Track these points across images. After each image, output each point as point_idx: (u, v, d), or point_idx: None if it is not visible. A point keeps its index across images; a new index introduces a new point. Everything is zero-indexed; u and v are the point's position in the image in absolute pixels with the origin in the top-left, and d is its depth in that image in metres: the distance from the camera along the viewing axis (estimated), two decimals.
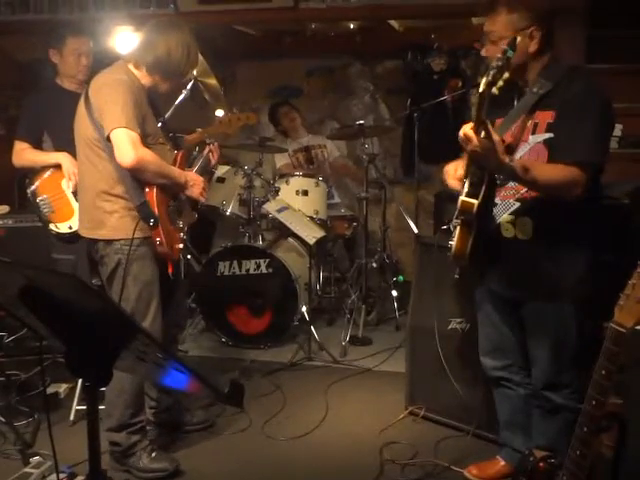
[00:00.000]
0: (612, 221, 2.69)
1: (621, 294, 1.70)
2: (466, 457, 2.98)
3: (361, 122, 4.77)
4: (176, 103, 3.54)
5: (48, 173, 3.42)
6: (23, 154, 3.49)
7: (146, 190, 2.80)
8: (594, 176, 2.31)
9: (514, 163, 2.22)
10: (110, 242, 2.81)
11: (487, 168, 2.27)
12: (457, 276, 2.74)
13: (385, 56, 6.20)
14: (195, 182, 2.98)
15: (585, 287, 2.40)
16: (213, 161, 3.35)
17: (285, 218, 4.50)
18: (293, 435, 3.29)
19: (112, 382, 1.46)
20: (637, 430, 2.02)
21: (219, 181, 4.81)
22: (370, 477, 2.90)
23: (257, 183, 4.71)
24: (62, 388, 3.63)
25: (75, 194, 3.27)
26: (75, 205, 3.28)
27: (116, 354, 1.42)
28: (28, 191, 3.44)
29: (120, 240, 2.79)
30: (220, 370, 4.03)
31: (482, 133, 2.14)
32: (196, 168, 3.16)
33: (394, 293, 4.90)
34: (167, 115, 3.40)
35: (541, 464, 1.99)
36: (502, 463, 2.84)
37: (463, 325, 3.21)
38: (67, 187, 3.36)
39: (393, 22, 5.37)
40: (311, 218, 4.71)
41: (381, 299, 5.10)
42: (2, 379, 3.58)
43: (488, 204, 2.39)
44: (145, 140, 2.75)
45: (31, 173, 3.46)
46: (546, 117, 2.32)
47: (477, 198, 2.28)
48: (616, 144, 3.94)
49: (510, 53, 2.11)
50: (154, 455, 2.93)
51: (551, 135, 2.30)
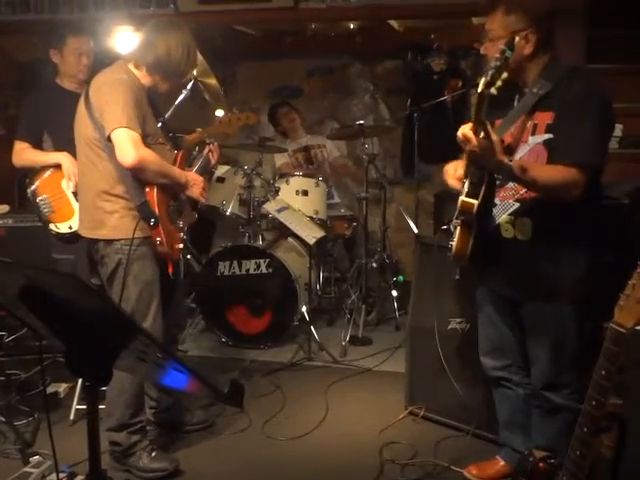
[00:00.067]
0: (612, 221, 2.68)
1: (621, 294, 1.70)
2: (466, 457, 2.98)
3: (361, 122, 4.78)
4: (176, 103, 3.54)
5: (48, 173, 3.42)
6: (23, 154, 3.49)
7: (146, 190, 2.80)
8: (594, 177, 2.31)
9: (513, 164, 2.22)
10: (110, 242, 2.81)
11: (486, 168, 2.27)
12: (457, 277, 2.75)
13: (385, 56, 6.19)
14: (195, 182, 2.98)
15: (585, 287, 2.40)
16: (213, 161, 3.35)
17: (285, 218, 4.50)
18: (293, 435, 3.29)
19: (112, 382, 1.46)
20: (637, 430, 2.01)
21: (219, 181, 4.81)
22: (370, 477, 2.90)
23: (257, 183, 4.71)
24: (62, 387, 3.63)
25: (75, 194, 3.27)
26: (75, 205, 3.29)
27: (116, 354, 1.42)
28: (28, 191, 3.44)
29: (120, 240, 2.79)
30: (220, 370, 4.03)
31: (481, 134, 2.15)
32: (196, 168, 3.16)
33: (394, 293, 4.89)
34: (167, 115, 3.40)
35: (541, 464, 1.99)
36: (502, 463, 2.84)
37: (463, 325, 3.21)
38: (67, 187, 3.36)
39: (393, 22, 5.37)
40: (311, 218, 4.71)
41: (381, 299, 5.10)
42: (2, 378, 3.58)
43: (488, 204, 2.39)
44: (145, 140, 2.75)
45: (31, 173, 3.46)
46: (546, 118, 2.32)
47: (477, 198, 2.28)
48: (616, 144, 3.93)
49: (508, 53, 2.11)
50: (154, 455, 2.93)
51: (550, 136, 2.30)
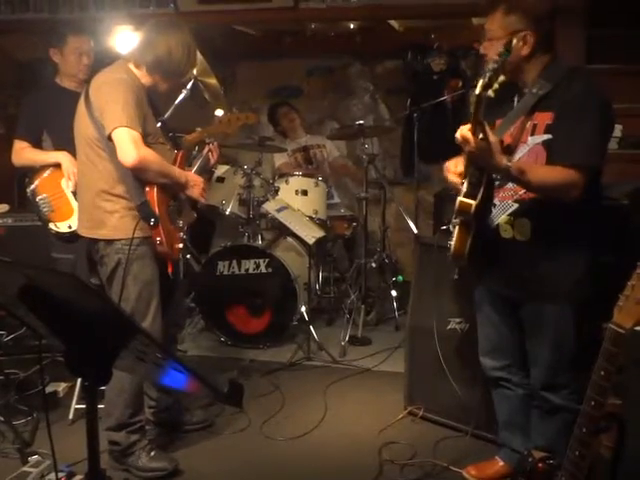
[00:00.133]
0: (611, 222, 2.68)
1: (620, 295, 1.71)
2: (465, 457, 2.98)
3: (361, 122, 4.78)
4: (176, 103, 3.54)
5: (48, 172, 3.42)
6: (23, 153, 3.49)
7: (146, 190, 2.80)
8: (593, 177, 2.31)
9: (511, 164, 2.22)
10: (110, 242, 2.81)
11: (485, 169, 2.27)
12: (456, 277, 2.75)
13: (385, 56, 6.19)
14: (196, 183, 2.98)
15: (584, 288, 2.40)
16: (212, 160, 3.35)
17: (284, 218, 4.50)
18: (292, 435, 3.29)
19: (112, 381, 1.46)
20: (636, 431, 2.02)
21: (219, 181, 4.81)
22: (369, 477, 2.90)
23: (257, 183, 4.71)
24: (61, 387, 3.63)
25: (75, 193, 3.27)
26: (75, 204, 3.29)
27: (115, 353, 1.42)
28: (28, 190, 3.44)
29: (121, 240, 2.79)
30: (219, 370, 4.03)
31: (480, 135, 2.15)
32: (195, 168, 3.17)
33: (393, 293, 4.89)
34: (167, 115, 3.40)
35: (540, 464, 2.00)
36: (501, 463, 2.84)
37: (462, 325, 3.21)
38: (67, 186, 3.36)
39: (393, 22, 5.37)
40: (310, 218, 4.71)
41: (380, 299, 5.10)
42: (1, 378, 3.58)
43: (487, 205, 2.39)
44: (145, 139, 2.75)
45: (31, 172, 3.46)
46: (545, 118, 2.32)
47: (475, 199, 2.28)
48: (616, 145, 3.93)
49: (505, 55, 2.12)
50: (153, 454, 2.93)
51: (550, 136, 2.30)
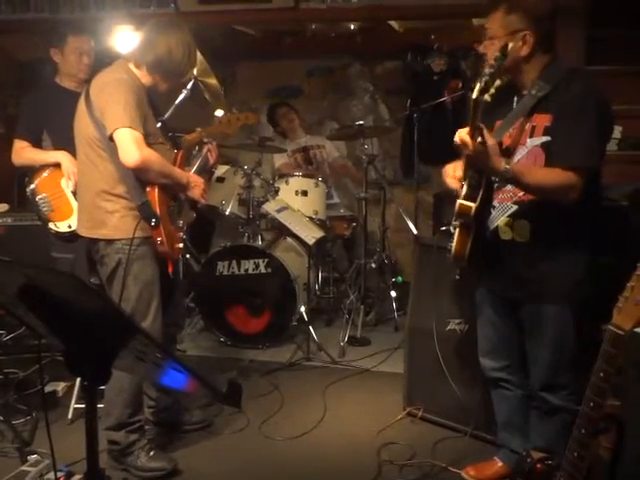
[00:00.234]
0: (611, 223, 2.68)
1: (619, 296, 1.71)
2: (464, 458, 2.98)
3: (361, 123, 4.79)
4: (176, 102, 3.53)
5: (47, 172, 3.42)
6: (22, 153, 3.49)
7: (147, 190, 2.80)
8: (592, 179, 2.31)
9: (510, 167, 2.22)
10: (111, 242, 2.81)
11: (484, 171, 2.27)
12: (458, 277, 2.75)
13: (385, 57, 6.20)
14: (196, 183, 2.98)
15: (583, 289, 2.40)
16: (211, 160, 3.35)
17: (284, 218, 4.50)
18: (291, 435, 3.29)
19: (111, 381, 1.46)
20: (635, 432, 2.02)
21: (218, 181, 4.81)
22: (368, 478, 2.90)
23: (256, 183, 4.71)
24: (60, 386, 3.63)
25: (74, 193, 3.27)
26: (74, 204, 3.29)
27: (115, 353, 1.42)
28: (27, 190, 3.44)
29: (121, 240, 2.79)
30: (218, 370, 4.03)
31: (478, 138, 2.16)
32: (195, 168, 3.17)
33: (393, 294, 4.89)
34: (167, 115, 3.40)
35: (538, 465, 2.00)
36: (499, 464, 2.84)
37: (462, 326, 3.21)
38: (66, 186, 3.36)
39: (393, 23, 5.37)
40: (310, 218, 4.71)
41: (380, 300, 5.10)
42: (0, 377, 3.57)
43: (486, 207, 2.40)
44: (146, 140, 2.74)
45: (30, 172, 3.46)
46: (544, 120, 2.32)
47: (475, 201, 2.29)
48: (615, 146, 3.92)
49: (502, 60, 2.12)
50: (152, 454, 2.93)
51: (548, 138, 2.30)
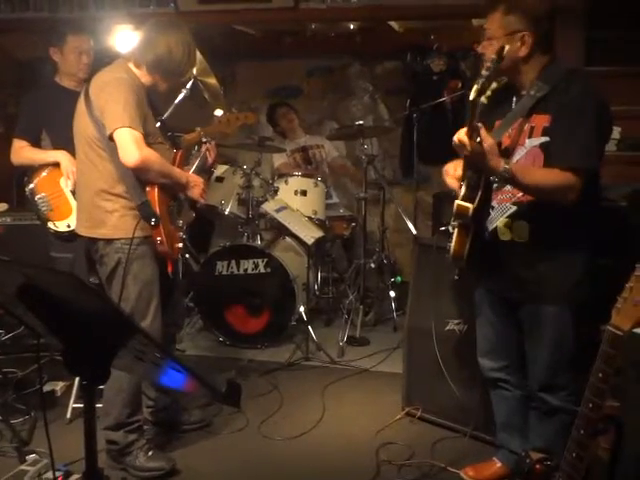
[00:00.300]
0: (609, 224, 2.69)
1: (618, 297, 1.71)
2: (463, 458, 2.98)
3: (360, 122, 4.79)
4: (176, 102, 3.53)
5: (46, 171, 3.42)
6: (21, 152, 3.48)
7: (147, 189, 2.80)
8: (590, 179, 2.31)
9: (509, 167, 2.22)
10: (110, 241, 2.80)
11: (482, 171, 2.28)
12: (457, 277, 2.75)
13: (385, 57, 6.19)
14: (196, 183, 2.98)
15: (582, 290, 2.41)
16: (210, 160, 3.35)
17: (284, 218, 4.50)
18: (290, 435, 3.29)
19: (110, 381, 1.47)
20: (633, 433, 2.02)
21: (218, 180, 4.81)
22: (366, 478, 2.90)
23: (256, 183, 4.71)
24: (59, 386, 3.63)
25: (74, 193, 3.27)
26: (73, 203, 3.29)
27: (114, 353, 1.42)
28: (26, 189, 3.44)
29: (120, 239, 2.79)
30: (217, 369, 4.03)
31: (477, 138, 2.16)
32: (194, 167, 3.17)
33: (392, 294, 4.88)
34: (166, 114, 3.40)
35: (537, 466, 2.00)
36: (498, 464, 2.84)
37: (460, 326, 3.21)
38: (65, 185, 3.36)
39: (393, 23, 5.37)
40: (310, 218, 4.71)
41: (379, 300, 5.10)
42: None
43: (485, 207, 2.40)
44: (145, 139, 2.74)
45: (30, 171, 3.46)
46: (542, 121, 2.32)
47: (473, 202, 2.29)
48: (614, 147, 3.92)
49: (497, 62, 2.13)
50: (151, 454, 2.93)
51: (547, 139, 2.30)
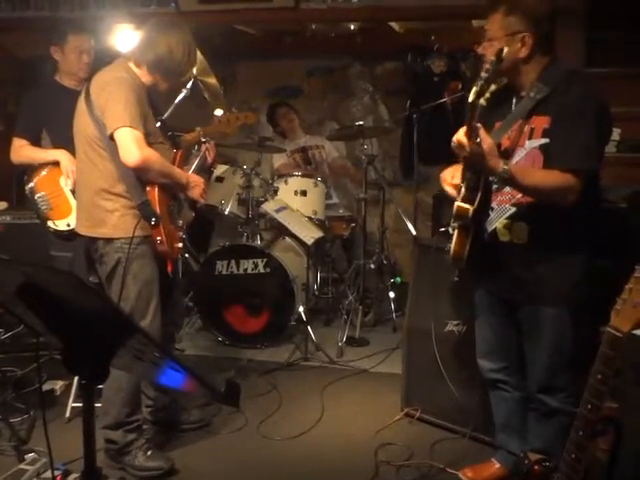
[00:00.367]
0: (609, 225, 2.69)
1: (618, 298, 1.71)
2: (461, 459, 2.98)
3: (360, 123, 4.79)
4: (176, 102, 3.53)
5: (46, 170, 3.42)
6: (21, 151, 3.48)
7: (147, 189, 2.80)
8: (590, 181, 2.31)
9: (508, 168, 2.23)
10: (110, 240, 2.80)
11: (482, 172, 2.28)
12: (456, 278, 2.75)
13: (385, 57, 6.19)
14: (196, 183, 2.98)
15: (581, 291, 2.41)
16: (209, 159, 3.36)
17: (283, 218, 4.50)
18: (289, 435, 3.29)
19: (110, 380, 1.47)
20: (632, 434, 2.02)
21: (218, 180, 4.81)
22: (365, 478, 2.90)
23: (256, 183, 4.71)
24: (58, 385, 3.63)
25: (73, 192, 3.27)
26: (73, 203, 3.29)
27: (113, 352, 1.42)
28: (26, 188, 3.44)
29: (120, 239, 2.78)
30: (217, 369, 4.03)
31: (477, 139, 2.16)
32: (193, 167, 3.17)
33: (391, 294, 4.89)
34: (166, 114, 3.40)
35: (536, 467, 2.00)
36: (497, 465, 2.84)
37: (460, 327, 3.21)
38: (65, 184, 3.36)
39: (393, 23, 5.37)
40: (309, 218, 4.71)
41: (378, 300, 5.11)
42: None
43: (484, 209, 2.40)
44: (146, 139, 2.74)
45: (29, 170, 3.46)
46: (542, 122, 2.32)
47: (473, 203, 2.29)
48: (614, 148, 3.92)
49: (497, 64, 2.13)
50: (150, 454, 2.93)
51: (547, 140, 2.30)
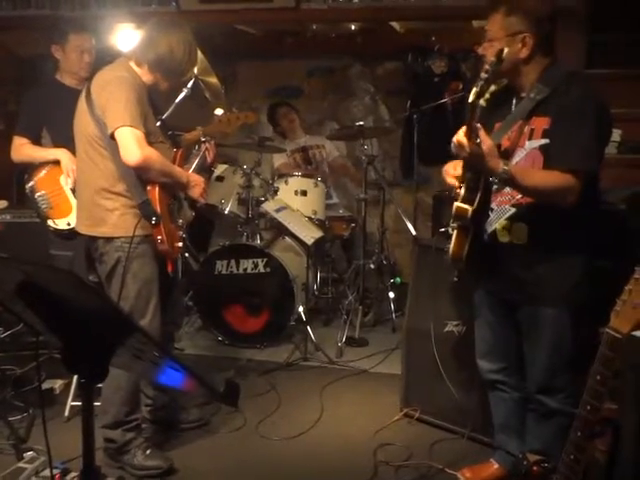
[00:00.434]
0: (608, 226, 2.69)
1: (617, 299, 1.71)
2: (460, 460, 2.98)
3: (361, 123, 4.78)
4: (177, 101, 3.53)
5: (47, 169, 3.42)
6: (22, 149, 3.48)
7: (148, 188, 2.80)
8: (590, 182, 2.31)
9: (507, 168, 2.23)
10: (110, 240, 2.80)
11: (482, 173, 2.28)
12: (456, 279, 2.75)
13: (386, 57, 6.19)
14: (197, 183, 2.98)
15: (581, 292, 2.41)
16: (209, 159, 3.36)
17: (283, 218, 4.50)
18: (287, 435, 3.29)
19: (109, 379, 1.47)
20: (631, 436, 2.02)
21: (218, 180, 4.81)
22: (364, 478, 2.90)
23: (256, 182, 4.71)
24: (57, 384, 3.63)
25: (74, 191, 3.27)
26: (73, 201, 3.29)
27: (112, 351, 1.42)
28: (26, 186, 3.44)
29: (120, 238, 2.79)
30: (216, 369, 4.03)
31: (477, 139, 2.16)
32: (193, 166, 3.17)
33: (391, 294, 4.89)
34: (167, 114, 3.40)
35: (535, 468, 2.00)
36: (496, 466, 2.84)
37: (459, 328, 3.21)
38: (66, 183, 3.36)
39: (394, 24, 5.37)
40: (309, 218, 4.71)
41: (378, 300, 5.11)
42: None
43: (484, 209, 2.40)
44: (147, 138, 2.74)
45: (30, 168, 3.46)
46: (542, 123, 2.32)
47: (473, 204, 2.29)
48: (615, 149, 3.92)
49: (497, 65, 2.13)
50: (148, 453, 2.93)
51: (547, 141, 2.30)
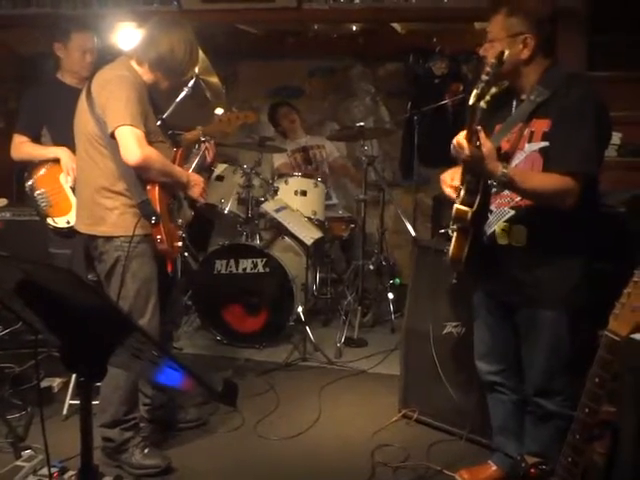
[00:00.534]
0: (608, 229, 2.69)
1: (616, 302, 1.71)
2: (458, 461, 2.98)
3: (361, 124, 4.79)
4: (177, 100, 3.53)
5: (46, 167, 3.42)
6: (22, 147, 3.48)
7: (148, 188, 2.80)
8: (589, 184, 2.31)
9: (507, 171, 2.23)
10: (110, 239, 2.80)
11: (481, 175, 2.28)
12: (455, 281, 2.75)
13: (387, 59, 6.20)
14: (196, 182, 2.98)
15: (580, 294, 2.40)
16: (209, 158, 3.36)
17: (283, 218, 4.50)
18: (286, 435, 3.29)
19: (107, 378, 1.46)
20: (629, 438, 2.02)
21: (218, 179, 4.81)
22: (361, 479, 2.89)
23: (256, 182, 4.71)
24: (56, 382, 3.62)
25: (73, 189, 3.27)
26: (73, 200, 3.29)
27: (111, 350, 1.42)
28: (26, 185, 3.44)
29: (120, 237, 2.78)
30: (214, 368, 4.03)
31: (477, 142, 2.16)
32: (193, 166, 3.17)
33: (390, 295, 4.89)
34: (167, 113, 3.40)
35: (532, 470, 2.00)
36: (494, 468, 2.84)
37: (458, 329, 3.21)
38: (65, 182, 3.36)
39: (396, 25, 5.38)
40: (309, 219, 4.71)
41: (377, 301, 5.11)
42: None
43: (484, 211, 2.40)
44: (147, 137, 2.74)
45: (30, 167, 3.46)
46: (542, 125, 2.32)
47: (472, 206, 2.29)
48: (615, 152, 3.92)
49: (497, 67, 2.13)
50: (146, 452, 2.93)
51: (547, 144, 2.31)
